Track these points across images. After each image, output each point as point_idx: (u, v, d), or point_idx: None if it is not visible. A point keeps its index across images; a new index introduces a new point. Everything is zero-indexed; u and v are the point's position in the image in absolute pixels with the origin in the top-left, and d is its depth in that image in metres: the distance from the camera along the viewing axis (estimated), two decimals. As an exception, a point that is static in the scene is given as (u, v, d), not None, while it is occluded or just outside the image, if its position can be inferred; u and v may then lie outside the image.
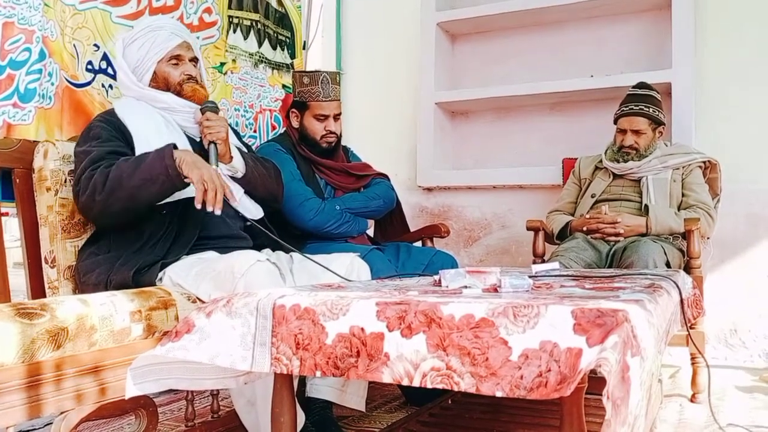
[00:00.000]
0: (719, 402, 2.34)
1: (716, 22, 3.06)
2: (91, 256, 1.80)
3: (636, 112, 2.66)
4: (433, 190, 3.64)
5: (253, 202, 2.05)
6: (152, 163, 1.71)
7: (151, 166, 1.70)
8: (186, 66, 2.00)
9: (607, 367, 0.86)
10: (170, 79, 1.98)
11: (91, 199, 1.73)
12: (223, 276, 1.65)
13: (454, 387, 0.99)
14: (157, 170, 1.70)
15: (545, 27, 3.47)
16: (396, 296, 1.16)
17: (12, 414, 1.23)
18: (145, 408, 1.56)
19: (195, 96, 1.99)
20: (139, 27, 2.02)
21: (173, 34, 2.00)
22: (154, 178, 1.70)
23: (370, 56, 3.85)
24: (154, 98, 1.96)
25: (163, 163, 1.70)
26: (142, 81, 1.97)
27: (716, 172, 2.77)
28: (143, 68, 1.97)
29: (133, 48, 1.97)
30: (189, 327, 1.23)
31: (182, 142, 1.93)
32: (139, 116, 1.91)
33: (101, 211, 1.75)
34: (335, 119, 2.48)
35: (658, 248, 2.35)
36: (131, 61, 1.97)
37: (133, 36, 1.99)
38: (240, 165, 2.00)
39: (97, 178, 1.72)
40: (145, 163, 1.71)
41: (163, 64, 1.98)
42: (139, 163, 1.72)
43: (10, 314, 1.25)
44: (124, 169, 1.72)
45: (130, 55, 1.98)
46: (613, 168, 2.73)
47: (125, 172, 1.71)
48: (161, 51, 1.97)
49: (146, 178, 1.70)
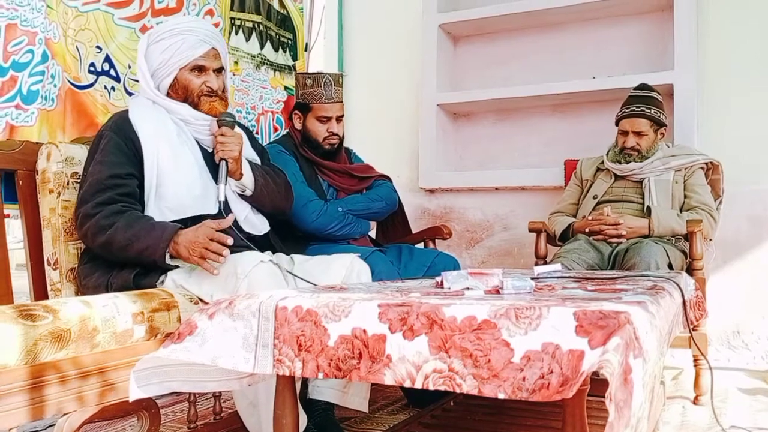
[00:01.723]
0: (722, 404, 2.33)
1: (718, 24, 3.06)
2: (92, 260, 1.80)
3: (637, 113, 2.66)
4: (435, 191, 3.64)
5: (260, 216, 2.03)
6: (147, 250, 1.69)
7: (143, 250, 1.69)
8: (209, 77, 1.91)
9: (609, 369, 0.86)
10: (190, 88, 1.90)
11: (83, 236, 1.76)
12: (226, 277, 1.65)
13: (456, 389, 0.99)
14: (147, 257, 1.69)
15: (547, 28, 3.47)
16: (398, 298, 1.16)
17: (15, 416, 1.23)
18: (147, 410, 1.56)
19: (211, 112, 1.92)
20: (167, 26, 1.92)
21: (201, 41, 1.89)
22: (144, 261, 1.71)
23: (372, 58, 3.85)
24: (169, 108, 1.90)
25: (156, 253, 1.68)
26: (161, 86, 1.91)
27: (718, 174, 2.77)
28: (164, 72, 1.89)
29: (157, 49, 1.88)
30: (191, 329, 1.23)
31: (194, 152, 1.90)
32: (151, 124, 1.86)
33: (89, 248, 1.79)
34: (338, 121, 2.49)
35: (660, 250, 2.35)
36: (153, 63, 1.89)
37: (159, 35, 1.89)
38: (249, 183, 1.96)
39: (92, 227, 1.71)
40: (139, 244, 1.69)
41: (185, 71, 1.89)
42: (134, 240, 1.69)
43: (13, 316, 1.25)
44: (120, 239, 1.69)
45: (152, 56, 1.89)
46: (615, 169, 2.73)
47: (119, 244, 1.69)
48: (185, 58, 1.88)
49: (134, 256, 1.70)
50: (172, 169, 1.83)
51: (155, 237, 1.69)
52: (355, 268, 1.94)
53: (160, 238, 1.69)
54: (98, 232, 1.70)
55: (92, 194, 1.74)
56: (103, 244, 1.71)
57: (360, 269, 1.95)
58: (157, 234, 1.70)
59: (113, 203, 1.74)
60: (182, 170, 1.84)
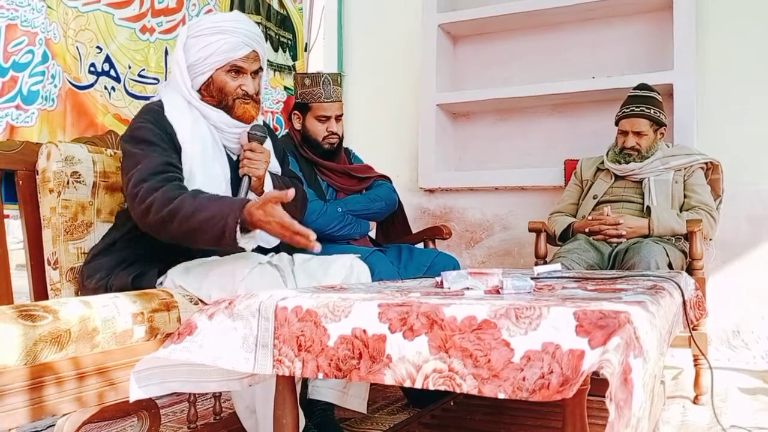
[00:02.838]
0: (722, 404, 2.33)
1: (718, 23, 3.06)
2: (95, 259, 1.80)
3: (637, 113, 2.66)
4: (434, 191, 3.64)
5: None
6: (215, 218, 1.55)
7: (210, 218, 1.56)
8: (246, 80, 1.85)
9: (609, 369, 0.86)
10: (225, 90, 1.84)
11: (146, 209, 1.63)
12: (225, 278, 1.65)
13: (456, 389, 0.99)
14: (216, 228, 1.55)
15: (547, 28, 3.47)
16: (398, 298, 1.16)
17: (15, 416, 1.23)
18: (147, 410, 1.56)
19: (245, 116, 1.86)
20: (209, 21, 1.84)
21: (243, 44, 1.82)
22: (210, 232, 1.56)
23: (372, 58, 3.85)
24: (204, 112, 1.84)
25: (224, 223, 1.54)
26: (195, 82, 1.84)
27: (718, 173, 2.77)
28: (200, 70, 1.83)
29: (196, 44, 1.81)
30: (191, 329, 1.24)
31: (223, 166, 1.84)
32: (187, 126, 1.80)
33: (148, 226, 1.66)
34: (337, 120, 2.49)
35: (660, 249, 2.35)
36: (190, 57, 1.82)
37: (200, 29, 1.82)
38: None
39: (159, 198, 1.61)
40: (206, 212, 1.57)
41: (221, 72, 1.82)
42: (202, 209, 1.57)
43: (13, 316, 1.25)
44: (187, 207, 1.58)
45: (191, 50, 1.82)
46: (615, 169, 2.73)
47: (186, 211, 1.58)
48: (224, 59, 1.81)
49: (203, 228, 1.57)
50: (201, 181, 1.77)
51: (226, 204, 1.58)
52: (355, 269, 1.94)
53: (231, 206, 1.56)
54: (166, 201, 1.59)
55: (152, 174, 1.66)
56: (168, 213, 1.58)
57: (360, 270, 1.95)
58: (227, 202, 1.60)
59: (176, 180, 1.69)
60: (211, 183, 1.79)
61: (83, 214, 1.89)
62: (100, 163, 1.94)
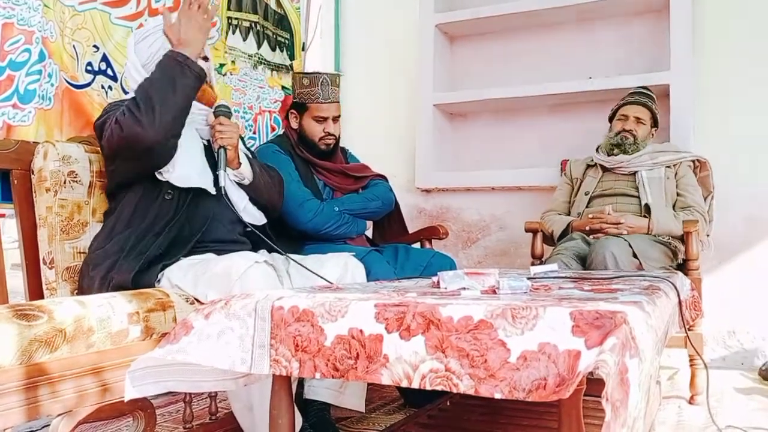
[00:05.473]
0: (717, 404, 2.34)
1: (714, 24, 3.06)
2: (98, 249, 1.81)
3: (641, 102, 2.76)
4: (431, 191, 3.64)
5: (257, 209, 2.05)
6: (162, 67, 1.80)
7: (164, 68, 1.80)
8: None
9: (605, 369, 0.86)
10: None
11: (136, 124, 1.73)
12: (220, 278, 1.65)
13: (452, 389, 1.00)
14: (174, 71, 1.79)
15: (544, 29, 3.47)
16: (395, 298, 1.15)
17: (9, 416, 1.22)
18: (143, 410, 1.56)
19: (204, 97, 1.96)
20: (152, 24, 2.01)
21: None
22: (171, 72, 1.79)
23: (369, 58, 3.85)
24: None
25: (169, 61, 1.79)
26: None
27: (707, 170, 2.80)
28: (153, 65, 1.90)
29: (144, 45, 1.94)
30: (187, 329, 1.23)
31: (196, 145, 1.94)
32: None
33: (152, 125, 1.74)
34: (334, 121, 2.49)
35: (619, 242, 2.36)
36: (142, 58, 1.94)
37: (144, 32, 1.97)
38: (248, 172, 2.01)
39: (129, 105, 1.75)
40: (157, 74, 1.79)
41: None
42: (152, 79, 1.79)
43: (8, 316, 1.25)
44: (143, 84, 1.79)
45: (141, 52, 1.94)
46: (604, 162, 2.75)
47: (145, 86, 1.78)
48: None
49: (165, 83, 1.77)
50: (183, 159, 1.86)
51: (162, 61, 1.82)
52: (350, 268, 1.95)
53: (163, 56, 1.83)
54: (134, 103, 1.75)
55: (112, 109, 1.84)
56: (144, 100, 1.74)
57: (354, 268, 1.96)
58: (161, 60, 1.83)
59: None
60: (189, 151, 1.89)
61: (79, 213, 1.89)
62: (96, 163, 1.94)
